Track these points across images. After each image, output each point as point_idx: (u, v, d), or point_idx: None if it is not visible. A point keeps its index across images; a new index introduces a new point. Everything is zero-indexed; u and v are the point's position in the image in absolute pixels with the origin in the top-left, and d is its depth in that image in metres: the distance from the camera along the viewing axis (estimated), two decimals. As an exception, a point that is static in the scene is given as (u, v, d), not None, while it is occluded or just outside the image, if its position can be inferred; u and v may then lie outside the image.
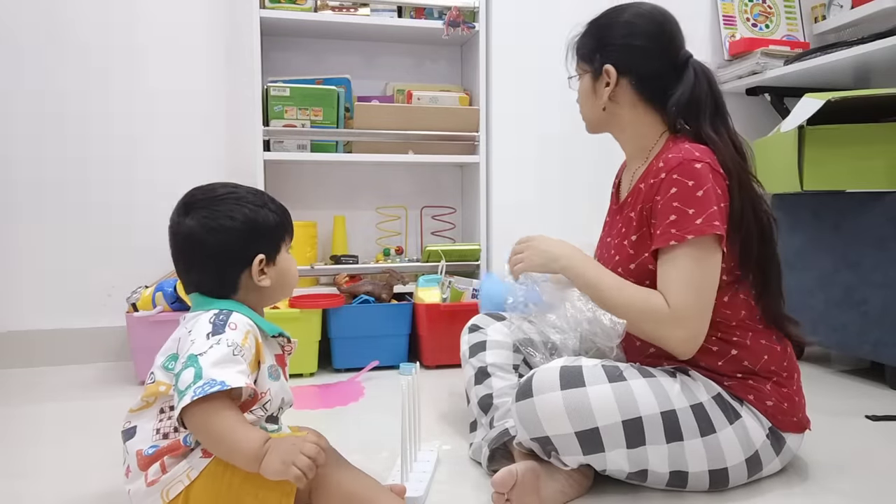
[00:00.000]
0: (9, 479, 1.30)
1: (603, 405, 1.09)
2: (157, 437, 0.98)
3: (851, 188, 1.90)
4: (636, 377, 1.14)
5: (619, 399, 1.10)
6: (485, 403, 1.35)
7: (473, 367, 1.40)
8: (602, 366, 1.15)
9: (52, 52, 2.20)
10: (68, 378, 2.06)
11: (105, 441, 1.52)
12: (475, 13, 2.37)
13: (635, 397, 1.11)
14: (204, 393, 0.87)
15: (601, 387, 1.11)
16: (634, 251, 1.23)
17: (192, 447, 0.95)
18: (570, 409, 1.09)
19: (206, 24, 2.32)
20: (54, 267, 2.23)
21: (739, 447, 1.15)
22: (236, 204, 1.04)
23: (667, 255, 1.15)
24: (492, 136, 2.40)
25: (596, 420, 1.09)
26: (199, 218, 1.02)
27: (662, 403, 1.11)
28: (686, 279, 1.13)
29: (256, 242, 1.05)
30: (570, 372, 1.12)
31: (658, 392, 1.12)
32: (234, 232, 1.03)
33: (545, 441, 1.12)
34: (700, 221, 1.12)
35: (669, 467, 1.12)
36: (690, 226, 1.12)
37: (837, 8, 2.57)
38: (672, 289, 1.13)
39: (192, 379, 0.89)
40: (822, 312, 2.00)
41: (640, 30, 1.26)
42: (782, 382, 1.21)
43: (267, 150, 2.21)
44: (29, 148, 2.20)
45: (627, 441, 1.10)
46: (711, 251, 1.14)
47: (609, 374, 1.13)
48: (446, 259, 2.31)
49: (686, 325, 1.13)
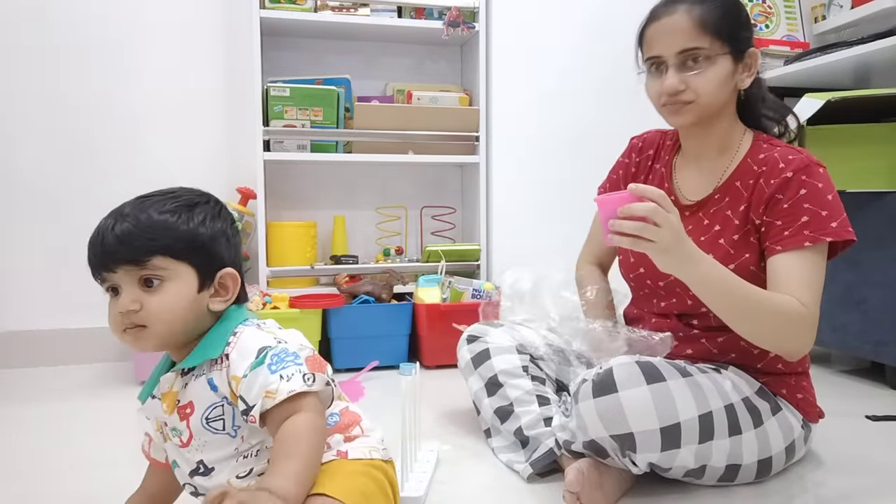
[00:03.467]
0: (9, 479, 1.30)
1: (683, 400, 1.06)
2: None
3: (851, 188, 1.90)
4: (697, 373, 1.13)
5: (694, 394, 1.08)
6: (503, 412, 1.34)
7: (482, 377, 1.38)
8: (666, 361, 1.13)
9: (51, 52, 2.20)
10: (68, 378, 2.06)
11: (105, 441, 1.52)
12: (475, 13, 2.38)
13: (704, 392, 1.09)
14: (311, 357, 0.84)
15: (678, 381, 1.08)
16: (735, 251, 1.19)
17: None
18: (658, 403, 1.04)
19: (206, 25, 2.32)
20: (54, 267, 2.23)
21: (781, 437, 1.18)
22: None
23: (796, 256, 1.12)
24: (492, 136, 2.40)
25: (679, 415, 1.05)
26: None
27: (724, 398, 1.11)
28: (816, 281, 1.12)
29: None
30: (649, 366, 1.08)
31: (718, 387, 1.12)
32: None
33: (626, 438, 1.05)
34: (836, 225, 1.12)
35: (727, 461, 1.12)
36: (826, 228, 1.12)
37: (837, 8, 2.56)
38: (805, 289, 1.10)
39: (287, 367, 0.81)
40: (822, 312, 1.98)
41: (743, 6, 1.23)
42: (802, 377, 1.27)
43: (267, 150, 2.21)
44: (29, 148, 2.20)
45: (700, 436, 1.07)
46: (826, 255, 1.15)
47: (679, 369, 1.11)
48: (446, 259, 2.31)
49: (815, 326, 1.12)
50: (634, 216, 0.98)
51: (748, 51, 1.20)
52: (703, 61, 1.16)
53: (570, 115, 2.47)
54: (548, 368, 1.39)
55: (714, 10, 1.16)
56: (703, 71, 1.17)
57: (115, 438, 1.54)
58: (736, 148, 1.25)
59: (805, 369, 1.28)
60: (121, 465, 1.37)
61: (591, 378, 1.09)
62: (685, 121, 1.22)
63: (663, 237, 0.98)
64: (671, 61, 1.18)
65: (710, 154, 1.27)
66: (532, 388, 1.34)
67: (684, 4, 1.18)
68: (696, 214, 1.27)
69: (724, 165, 1.26)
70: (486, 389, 1.37)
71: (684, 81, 1.18)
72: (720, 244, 1.21)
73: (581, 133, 2.47)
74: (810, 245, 1.11)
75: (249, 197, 2.26)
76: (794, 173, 1.15)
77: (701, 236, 1.23)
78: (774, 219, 1.15)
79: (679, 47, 1.17)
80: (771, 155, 1.19)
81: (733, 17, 1.18)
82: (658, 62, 1.20)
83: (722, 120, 1.24)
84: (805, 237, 1.12)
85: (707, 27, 1.15)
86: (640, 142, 1.43)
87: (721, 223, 1.23)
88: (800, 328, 1.10)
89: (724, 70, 1.18)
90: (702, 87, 1.17)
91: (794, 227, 1.13)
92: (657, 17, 1.21)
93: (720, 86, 1.18)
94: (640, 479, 1.19)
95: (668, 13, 1.19)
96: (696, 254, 1.03)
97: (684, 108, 1.20)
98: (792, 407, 1.23)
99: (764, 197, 1.17)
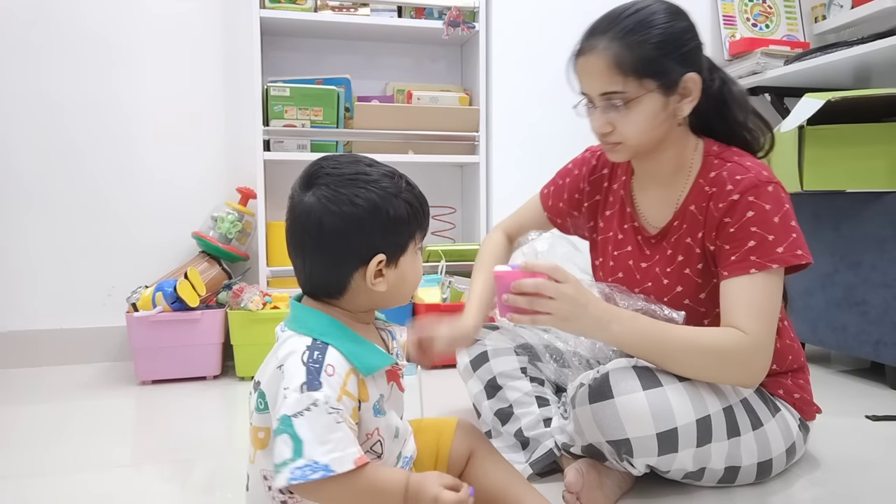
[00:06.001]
0: (9, 479, 1.30)
1: (680, 404, 1.05)
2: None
3: (851, 188, 1.90)
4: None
5: (692, 398, 1.07)
6: (503, 414, 1.34)
7: (481, 380, 1.38)
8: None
9: (51, 52, 2.20)
10: (68, 378, 2.06)
11: (105, 441, 1.52)
12: (475, 13, 2.38)
13: (702, 396, 1.08)
14: (304, 479, 0.75)
15: (675, 386, 1.06)
16: (703, 280, 1.17)
17: None
18: (654, 409, 1.03)
19: (206, 24, 2.32)
20: (54, 267, 2.23)
21: (781, 438, 1.18)
22: (364, 187, 0.85)
23: (743, 281, 1.08)
24: (492, 136, 2.40)
25: (676, 420, 1.04)
26: (319, 196, 0.85)
27: (722, 400, 1.11)
28: (765, 306, 1.07)
29: (379, 237, 0.86)
30: (646, 371, 1.07)
31: (716, 389, 1.11)
32: (354, 221, 0.84)
33: (622, 444, 1.05)
34: (782, 250, 1.07)
35: (725, 463, 1.12)
36: (773, 254, 1.07)
37: (837, 8, 2.57)
38: (751, 317, 1.06)
39: (290, 455, 0.76)
40: (822, 312, 2.00)
41: (691, 24, 1.12)
42: (799, 374, 1.26)
43: (267, 150, 2.21)
44: (29, 148, 2.20)
45: (698, 440, 1.06)
46: (781, 280, 1.10)
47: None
48: (446, 259, 2.31)
49: (765, 352, 1.08)
50: (527, 292, 1.00)
51: (683, 78, 1.10)
52: (627, 103, 1.09)
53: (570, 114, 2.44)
54: (546, 370, 1.39)
55: (635, 47, 1.07)
56: (626, 114, 1.10)
57: (115, 438, 1.55)
58: (689, 165, 1.20)
59: (801, 365, 1.27)
60: (121, 465, 1.38)
61: (588, 383, 1.09)
62: (620, 159, 1.20)
63: (558, 308, 1.00)
64: (596, 102, 1.13)
65: (665, 176, 1.22)
66: (531, 389, 1.34)
67: (604, 39, 1.09)
68: (661, 244, 1.23)
69: (679, 188, 1.20)
70: (485, 392, 1.37)
71: (610, 123, 1.12)
72: (686, 275, 1.19)
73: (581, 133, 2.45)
74: (756, 272, 1.07)
75: (249, 197, 2.26)
76: (741, 195, 1.10)
77: (667, 267, 1.21)
78: (723, 244, 1.11)
79: (599, 90, 1.11)
80: (720, 174, 1.14)
81: (658, 49, 1.08)
82: (588, 98, 1.15)
83: (669, 146, 1.18)
84: (751, 263, 1.08)
85: (625, 69, 1.07)
86: (594, 159, 1.38)
87: (684, 252, 1.19)
88: (739, 360, 1.06)
89: (650, 108, 1.10)
90: (627, 130, 1.12)
91: (741, 253, 1.09)
92: (581, 51, 1.13)
93: (648, 125, 1.11)
94: (640, 480, 1.19)
95: (590, 49, 1.11)
96: (604, 317, 1.04)
97: (615, 148, 1.16)
98: (790, 407, 1.22)
99: (714, 222, 1.13)
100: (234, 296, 2.04)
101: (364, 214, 0.84)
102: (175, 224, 2.25)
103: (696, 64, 1.12)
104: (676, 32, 1.10)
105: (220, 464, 1.37)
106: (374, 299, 0.89)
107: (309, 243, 0.87)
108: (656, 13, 1.10)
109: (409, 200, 0.87)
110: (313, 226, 0.85)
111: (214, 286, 2.14)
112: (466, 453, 1.04)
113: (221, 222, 2.19)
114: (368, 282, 0.86)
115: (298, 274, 0.90)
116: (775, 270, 1.08)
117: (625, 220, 1.29)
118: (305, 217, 0.86)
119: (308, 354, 0.82)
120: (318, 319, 0.87)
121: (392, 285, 0.88)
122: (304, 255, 0.88)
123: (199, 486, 1.28)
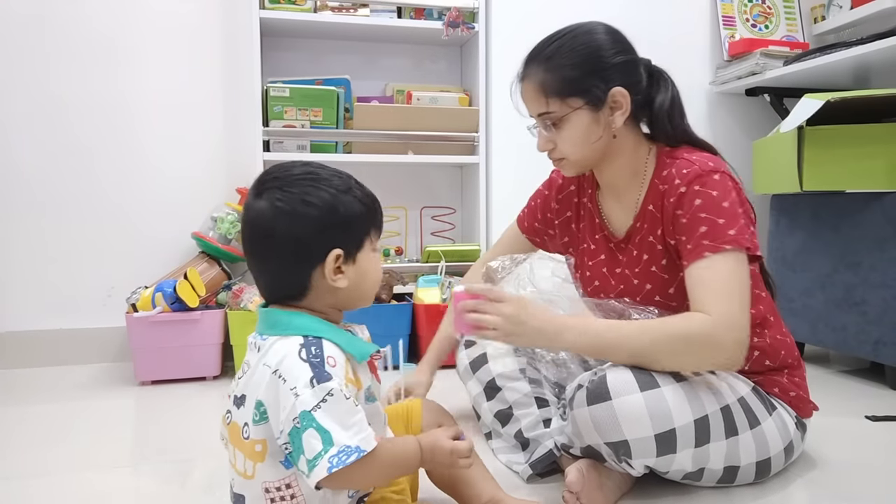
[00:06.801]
0: (9, 480, 1.30)
1: (678, 405, 1.06)
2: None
3: (851, 188, 1.90)
4: (693, 375, 1.13)
5: (689, 398, 1.07)
6: (503, 415, 1.35)
7: (481, 381, 1.38)
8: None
9: (51, 52, 2.20)
10: (68, 378, 2.06)
11: (105, 441, 1.52)
12: (475, 14, 2.38)
13: (700, 396, 1.09)
14: (343, 464, 0.77)
15: (673, 386, 1.07)
16: (669, 275, 1.19)
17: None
18: (652, 410, 1.04)
19: (206, 25, 2.32)
20: (54, 267, 2.23)
21: (779, 437, 1.18)
22: (313, 186, 0.87)
23: (701, 266, 1.09)
24: (491, 136, 2.40)
25: (674, 421, 1.05)
26: (270, 199, 0.86)
27: (719, 399, 1.11)
28: (726, 288, 1.07)
29: (333, 233, 0.87)
30: (643, 372, 1.07)
31: (713, 389, 1.12)
32: (307, 218, 0.86)
33: (620, 445, 1.05)
34: (734, 232, 1.09)
35: (724, 463, 1.12)
36: (725, 236, 1.08)
37: (837, 8, 2.57)
38: (713, 298, 1.07)
39: (321, 447, 0.78)
40: (822, 312, 2.01)
41: (622, 41, 1.19)
42: (794, 372, 1.26)
43: (267, 151, 2.21)
44: (28, 148, 2.20)
45: (696, 440, 1.07)
46: (742, 262, 1.10)
47: (673, 373, 1.10)
48: (446, 259, 2.31)
49: (736, 330, 1.06)
50: (469, 310, 1.10)
51: (610, 93, 1.16)
52: (556, 123, 1.18)
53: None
54: (545, 370, 1.39)
55: (557, 71, 1.16)
56: (559, 132, 1.19)
57: (115, 438, 1.55)
58: (644, 169, 1.23)
59: (795, 361, 1.27)
60: (120, 465, 1.38)
61: (586, 385, 1.09)
62: (571, 173, 1.28)
63: (500, 325, 1.08)
64: (537, 122, 1.21)
65: (623, 183, 1.25)
66: (530, 390, 1.34)
67: (532, 66, 1.19)
68: (628, 247, 1.25)
69: (637, 191, 1.24)
70: (484, 394, 1.37)
71: (551, 140, 1.21)
72: (653, 272, 1.21)
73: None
74: (711, 254, 1.08)
75: (249, 197, 2.26)
76: (688, 186, 1.13)
77: (635, 268, 1.23)
78: (680, 235, 1.14)
79: (534, 112, 1.21)
80: (670, 171, 1.17)
81: (577, 69, 1.15)
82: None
83: (618, 154, 1.22)
84: (704, 247, 1.09)
85: (549, 92, 1.16)
86: (559, 178, 1.42)
87: (648, 251, 1.21)
88: (708, 342, 1.06)
89: (580, 124, 1.17)
90: (564, 147, 1.20)
91: (694, 239, 1.10)
92: (520, 77, 1.23)
93: (582, 139, 1.18)
94: (640, 480, 1.19)
95: (524, 76, 1.21)
96: (549, 328, 1.09)
97: (561, 164, 1.24)
98: (786, 405, 1.23)
99: (669, 217, 1.16)
100: (233, 296, 2.04)
101: (316, 212, 0.86)
102: (175, 224, 2.25)
103: (626, 77, 1.17)
104: (595, 51, 1.16)
105: (220, 464, 1.37)
106: (338, 297, 0.90)
107: (265, 246, 0.88)
108: (578, 36, 1.18)
109: (360, 198, 0.90)
110: (267, 228, 0.86)
111: (214, 286, 2.14)
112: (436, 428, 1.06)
113: (221, 223, 2.19)
114: (329, 278, 0.87)
115: (259, 281, 0.92)
116: (731, 252, 1.09)
117: (595, 231, 1.33)
118: (258, 221, 0.87)
119: (305, 351, 0.83)
120: (302, 318, 0.88)
121: (352, 281, 0.89)
122: (262, 260, 0.89)
123: (198, 486, 1.28)
